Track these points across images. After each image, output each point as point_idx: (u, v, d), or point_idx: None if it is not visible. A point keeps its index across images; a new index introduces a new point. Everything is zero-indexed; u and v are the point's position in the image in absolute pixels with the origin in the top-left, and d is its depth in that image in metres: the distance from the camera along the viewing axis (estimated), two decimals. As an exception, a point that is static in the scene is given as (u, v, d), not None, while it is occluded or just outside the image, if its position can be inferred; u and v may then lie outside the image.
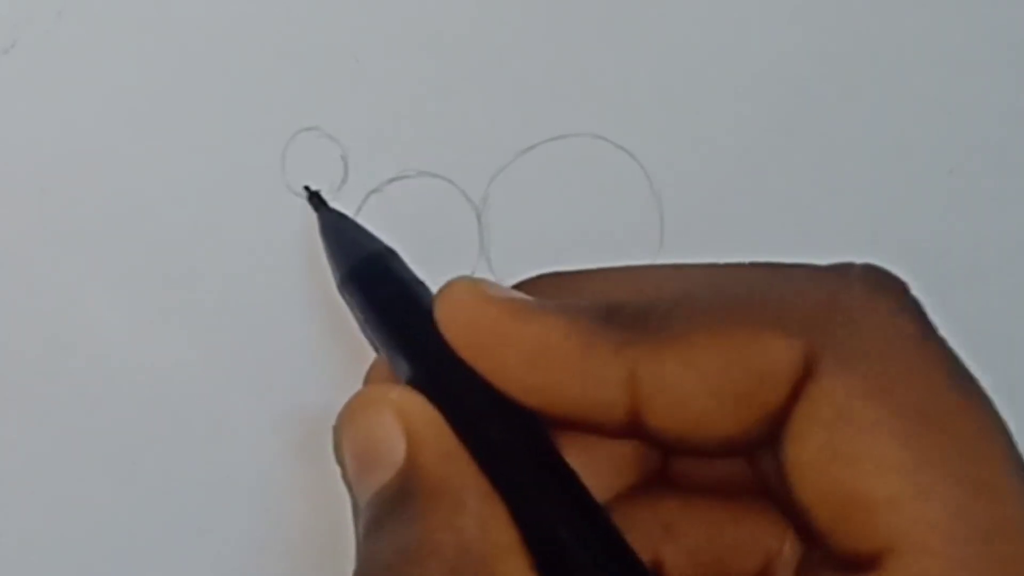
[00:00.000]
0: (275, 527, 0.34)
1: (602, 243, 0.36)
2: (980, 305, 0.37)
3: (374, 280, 0.29)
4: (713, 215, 0.36)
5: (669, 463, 0.27)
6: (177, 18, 0.34)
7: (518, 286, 0.27)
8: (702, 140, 0.36)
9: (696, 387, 0.24)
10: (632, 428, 0.25)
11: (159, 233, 0.34)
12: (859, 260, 0.25)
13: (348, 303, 0.29)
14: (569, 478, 0.24)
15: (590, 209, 0.36)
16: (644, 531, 0.26)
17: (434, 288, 0.27)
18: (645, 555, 0.26)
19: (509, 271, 0.35)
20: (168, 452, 0.34)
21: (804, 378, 0.23)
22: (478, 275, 0.34)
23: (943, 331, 0.24)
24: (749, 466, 0.26)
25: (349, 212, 0.35)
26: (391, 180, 0.35)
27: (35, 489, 0.34)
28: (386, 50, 0.35)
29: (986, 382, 0.25)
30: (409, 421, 0.25)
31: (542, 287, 0.27)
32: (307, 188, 0.34)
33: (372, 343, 0.28)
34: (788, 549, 0.25)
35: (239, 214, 0.34)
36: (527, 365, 0.25)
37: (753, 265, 0.26)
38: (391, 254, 0.29)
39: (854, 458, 0.23)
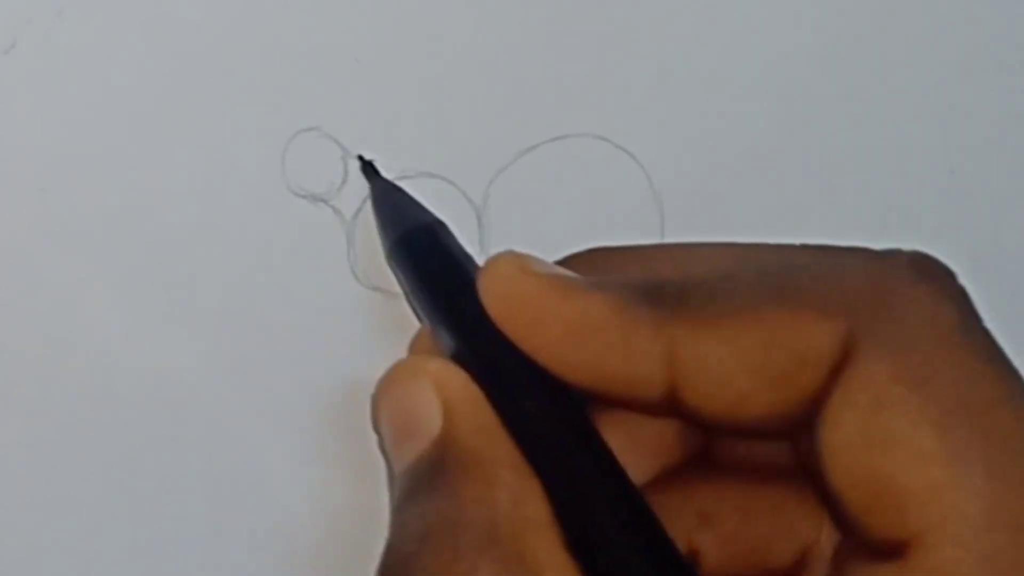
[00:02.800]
0: (276, 527, 0.34)
1: (603, 244, 0.36)
2: (980, 305, 0.37)
3: (422, 251, 0.29)
4: (713, 216, 0.36)
5: (709, 446, 0.27)
6: (177, 18, 0.34)
7: (565, 260, 0.27)
8: (702, 141, 0.36)
9: (735, 366, 0.24)
10: (670, 406, 0.25)
11: (159, 233, 0.34)
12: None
13: (395, 273, 0.29)
14: (605, 457, 0.24)
15: (591, 209, 0.36)
16: (680, 518, 0.26)
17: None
18: (681, 542, 0.26)
19: (509, 271, 0.35)
20: (168, 453, 0.34)
21: (843, 362, 0.23)
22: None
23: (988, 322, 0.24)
24: (792, 450, 0.26)
25: (349, 213, 0.35)
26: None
27: (36, 489, 0.34)
28: (386, 50, 0.35)
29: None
30: (447, 393, 0.25)
31: (590, 261, 0.27)
32: (360, 157, 0.34)
33: (416, 314, 0.28)
34: (825, 539, 0.25)
35: (239, 214, 0.34)
36: (568, 341, 0.25)
37: (802, 247, 0.26)
38: (441, 226, 0.29)
39: (889, 445, 0.23)
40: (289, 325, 0.34)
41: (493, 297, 0.26)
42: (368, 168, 0.33)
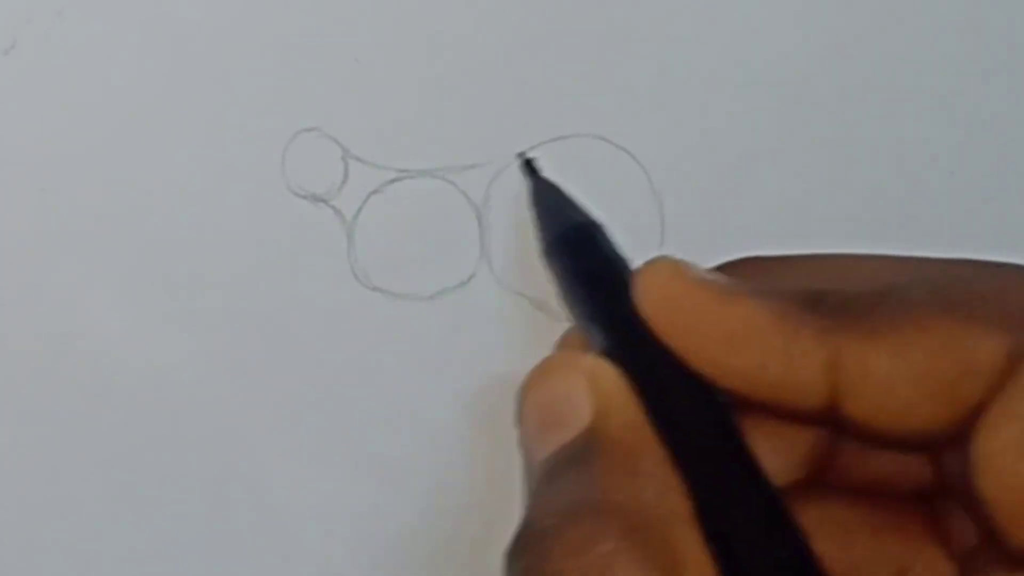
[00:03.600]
0: (276, 527, 0.34)
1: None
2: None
3: (578, 250, 0.29)
4: (714, 215, 0.36)
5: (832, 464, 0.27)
6: (177, 18, 0.34)
7: (719, 268, 0.28)
8: (703, 141, 0.36)
9: (899, 376, 0.24)
10: (829, 415, 0.25)
11: (159, 233, 0.34)
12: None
13: (550, 272, 0.29)
14: (749, 461, 0.25)
15: (591, 210, 0.36)
16: None
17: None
18: None
19: (510, 272, 0.35)
20: (168, 453, 0.34)
21: (1007, 374, 0.23)
22: (479, 276, 0.34)
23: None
24: (931, 463, 0.26)
25: (349, 213, 0.35)
26: (391, 180, 0.35)
27: (36, 489, 0.34)
28: (386, 50, 0.35)
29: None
30: (599, 387, 0.25)
31: (744, 271, 0.27)
32: (520, 154, 0.34)
33: (569, 312, 0.28)
34: (921, 567, 0.26)
35: (239, 214, 0.34)
36: (727, 346, 0.25)
37: (965, 261, 0.26)
38: (597, 227, 0.30)
39: None
40: (289, 325, 0.34)
41: (649, 299, 0.26)
42: (527, 166, 0.33)
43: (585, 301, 0.28)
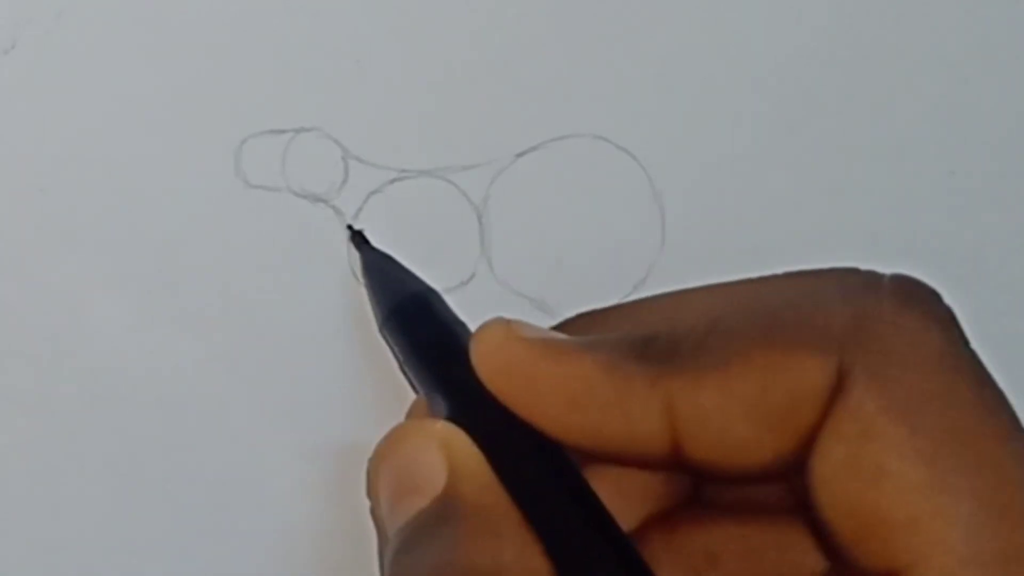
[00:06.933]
0: (276, 527, 0.34)
1: (603, 244, 0.36)
2: (980, 305, 0.37)
3: (415, 321, 0.29)
4: (714, 216, 0.36)
5: (705, 486, 0.27)
6: (177, 19, 0.34)
7: (558, 327, 0.27)
8: (703, 141, 0.36)
9: (734, 413, 0.24)
10: (674, 460, 0.25)
11: (158, 233, 0.34)
12: (887, 269, 0.25)
13: (388, 343, 0.29)
14: (601, 515, 0.25)
15: (591, 210, 0.36)
16: (687, 558, 0.26)
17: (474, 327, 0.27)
18: None
19: (510, 272, 0.35)
20: (168, 453, 0.34)
21: (835, 395, 0.23)
22: (479, 276, 0.34)
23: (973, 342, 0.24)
24: (787, 485, 0.25)
25: (349, 213, 0.35)
26: (391, 180, 0.35)
27: (36, 489, 0.34)
28: (386, 51, 0.35)
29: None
30: (452, 451, 0.25)
31: (578, 327, 0.27)
32: (350, 227, 0.34)
33: (411, 382, 0.28)
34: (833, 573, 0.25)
35: (239, 214, 0.34)
36: (564, 405, 0.25)
37: (783, 277, 0.26)
38: (432, 294, 0.30)
39: (876, 476, 0.23)
40: (289, 325, 0.34)
41: (485, 364, 0.26)
42: (358, 238, 0.33)
43: (426, 370, 0.28)
